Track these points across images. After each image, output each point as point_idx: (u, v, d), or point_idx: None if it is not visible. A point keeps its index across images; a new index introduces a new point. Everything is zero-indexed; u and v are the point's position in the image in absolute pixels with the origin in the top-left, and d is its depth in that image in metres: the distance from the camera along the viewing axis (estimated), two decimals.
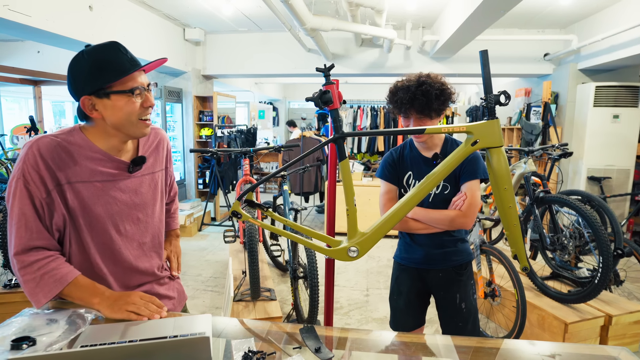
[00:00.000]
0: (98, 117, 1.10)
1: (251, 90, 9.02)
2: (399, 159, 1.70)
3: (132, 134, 1.14)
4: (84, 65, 1.06)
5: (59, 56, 5.90)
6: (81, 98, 1.07)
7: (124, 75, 1.05)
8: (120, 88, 1.06)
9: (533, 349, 1.07)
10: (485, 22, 3.84)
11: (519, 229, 1.08)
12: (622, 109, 4.81)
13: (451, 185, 1.62)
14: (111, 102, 1.07)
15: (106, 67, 1.05)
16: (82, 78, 1.06)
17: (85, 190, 1.11)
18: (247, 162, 3.40)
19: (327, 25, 4.15)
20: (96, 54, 1.05)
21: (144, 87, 1.11)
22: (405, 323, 1.78)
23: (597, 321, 2.51)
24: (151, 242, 1.29)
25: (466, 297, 1.69)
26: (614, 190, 4.89)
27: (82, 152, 1.11)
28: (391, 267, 1.85)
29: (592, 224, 2.38)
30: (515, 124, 6.08)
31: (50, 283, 1.06)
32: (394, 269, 1.83)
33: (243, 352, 0.95)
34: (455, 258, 1.68)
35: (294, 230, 2.33)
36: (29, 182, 1.04)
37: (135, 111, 1.09)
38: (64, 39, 3.56)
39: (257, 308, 2.66)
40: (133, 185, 1.21)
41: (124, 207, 1.19)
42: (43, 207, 1.07)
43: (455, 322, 1.70)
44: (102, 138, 1.14)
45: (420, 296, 1.77)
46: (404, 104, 1.53)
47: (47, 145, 1.07)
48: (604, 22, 4.63)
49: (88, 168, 1.12)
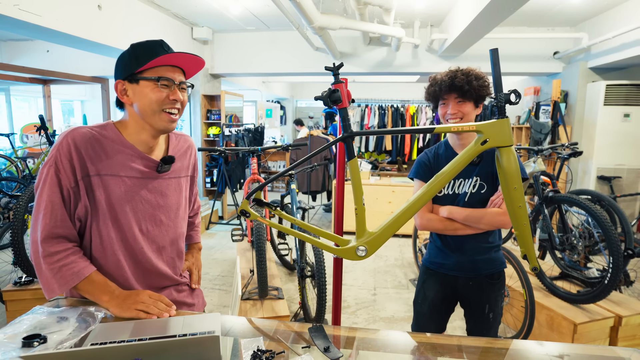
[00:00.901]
0: (128, 102, 1.15)
1: (259, 89, 9.03)
2: (434, 159, 1.67)
3: (157, 125, 1.16)
4: (125, 54, 1.14)
5: (67, 55, 5.96)
6: (116, 82, 1.14)
7: (153, 58, 1.09)
8: (149, 75, 1.11)
9: (542, 350, 1.06)
10: (494, 20, 3.80)
11: (528, 229, 1.07)
12: (633, 107, 4.74)
13: (488, 184, 1.58)
14: (139, 87, 1.12)
15: (142, 55, 1.11)
16: (122, 64, 1.13)
17: (114, 184, 1.14)
18: (255, 161, 3.41)
19: (335, 24, 4.14)
20: (139, 44, 1.13)
21: (174, 80, 1.14)
22: (427, 328, 1.75)
23: (607, 322, 2.49)
24: (170, 247, 1.29)
25: (495, 306, 1.66)
26: (624, 190, 4.83)
27: (115, 146, 1.14)
28: (399, 267, 1.84)
29: (602, 223, 2.36)
30: (524, 123, 6.03)
31: (67, 276, 1.09)
32: (421, 273, 1.80)
33: (252, 351, 0.95)
34: (487, 267, 1.64)
35: (302, 229, 2.34)
36: (60, 170, 1.08)
37: (159, 100, 1.12)
38: (73, 38, 3.59)
39: (264, 307, 2.66)
40: (160, 186, 1.23)
41: (149, 207, 1.21)
42: (70, 196, 1.10)
43: (480, 329, 1.68)
44: (133, 132, 1.17)
45: (445, 303, 1.73)
46: (444, 85, 1.52)
47: (83, 136, 1.10)
48: (614, 20, 4.57)
49: (119, 162, 1.14)
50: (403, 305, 3.36)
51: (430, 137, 7.01)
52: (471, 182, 1.59)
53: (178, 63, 1.16)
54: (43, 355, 0.79)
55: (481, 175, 1.58)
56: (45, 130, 3.52)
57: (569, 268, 2.90)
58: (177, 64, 1.16)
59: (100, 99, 6.86)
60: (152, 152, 1.22)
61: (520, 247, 1.10)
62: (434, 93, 1.58)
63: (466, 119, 1.53)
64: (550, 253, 3.04)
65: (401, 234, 5.23)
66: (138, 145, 1.18)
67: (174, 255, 1.31)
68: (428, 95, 1.62)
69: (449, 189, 1.62)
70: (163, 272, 1.27)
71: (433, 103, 1.63)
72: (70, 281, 1.09)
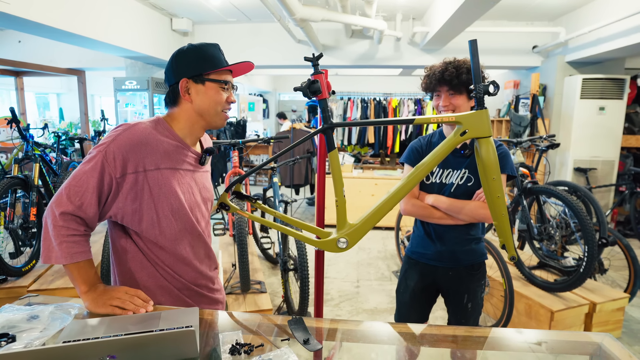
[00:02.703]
0: (188, 100, 1.20)
1: (241, 82, 8.91)
2: (427, 146, 1.68)
3: (214, 122, 1.24)
4: (190, 53, 1.19)
5: (41, 46, 5.75)
6: (181, 80, 1.18)
7: (221, 67, 1.20)
8: (215, 77, 1.19)
9: (520, 337, 1.08)
10: (475, 13, 3.83)
11: (507, 219, 1.08)
12: (608, 101, 4.86)
13: (475, 177, 1.59)
14: (204, 88, 1.19)
15: (209, 59, 1.19)
16: (186, 63, 1.18)
17: (172, 176, 1.18)
18: (237, 154, 3.36)
19: (316, 16, 4.10)
20: (202, 47, 1.20)
21: (232, 84, 1.25)
22: (408, 317, 1.77)
23: (582, 309, 2.56)
24: (209, 235, 1.34)
25: (474, 297, 1.68)
26: (599, 181, 4.96)
27: (168, 140, 1.19)
28: (381, 259, 1.85)
29: (578, 214, 2.41)
30: (504, 116, 6.12)
31: (64, 251, 1.08)
32: (403, 263, 1.82)
33: (230, 345, 0.94)
34: (467, 258, 1.66)
35: (284, 223, 2.32)
36: (108, 159, 1.09)
37: (221, 102, 1.21)
38: (46, 27, 3.46)
39: (247, 301, 2.65)
40: (202, 178, 1.30)
41: (195, 198, 1.26)
42: (111, 186, 1.11)
43: (459, 318, 1.71)
44: (183, 125, 1.22)
45: (426, 292, 1.75)
46: (436, 77, 1.53)
47: (141, 133, 1.14)
48: (590, 15, 4.66)
49: (174, 156, 1.19)
50: (386, 297, 3.39)
51: (413, 130, 7.06)
52: (459, 173, 1.61)
53: (234, 67, 1.24)
54: (9, 355, 0.76)
55: (470, 167, 1.60)
56: (17, 124, 3.39)
57: (546, 257, 2.97)
58: (233, 68, 1.24)
59: (77, 92, 6.66)
60: (195, 145, 1.28)
61: (498, 237, 1.11)
62: (428, 84, 1.59)
63: (458, 111, 1.53)
64: (528, 243, 3.10)
65: (384, 226, 5.26)
66: (187, 139, 1.24)
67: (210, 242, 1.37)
68: (423, 86, 1.63)
69: (437, 178, 1.64)
70: (214, 258, 1.34)
71: (429, 93, 1.63)
72: (63, 259, 1.09)
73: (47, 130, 4.74)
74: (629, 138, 5.16)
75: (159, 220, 1.16)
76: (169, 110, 1.24)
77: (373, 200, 5.28)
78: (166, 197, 1.16)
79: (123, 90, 5.59)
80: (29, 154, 3.21)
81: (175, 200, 1.17)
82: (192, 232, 1.23)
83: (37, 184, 2.92)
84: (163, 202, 1.15)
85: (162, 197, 1.15)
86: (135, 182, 1.12)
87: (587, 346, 1.07)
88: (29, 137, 3.54)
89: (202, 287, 1.29)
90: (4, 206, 2.84)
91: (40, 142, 3.86)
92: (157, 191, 1.14)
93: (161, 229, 1.17)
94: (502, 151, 1.57)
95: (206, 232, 1.31)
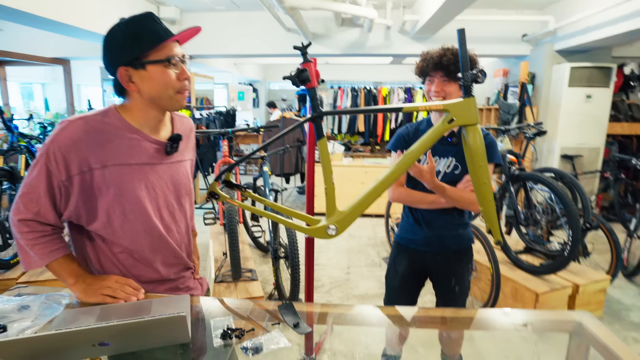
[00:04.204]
0: (134, 89, 1.07)
1: (230, 71, 8.81)
2: (414, 134, 1.68)
3: (170, 107, 1.12)
4: (119, 35, 1.04)
5: (23, 34, 5.61)
6: (118, 69, 1.05)
7: (159, 43, 1.03)
8: (155, 57, 1.04)
9: (504, 317, 1.12)
10: (466, 1, 3.83)
11: (493, 205, 1.10)
12: (595, 89, 4.92)
13: (462, 166, 1.60)
14: (147, 72, 1.05)
15: (141, 36, 1.02)
16: (118, 48, 1.04)
17: (123, 173, 1.08)
18: (226, 144, 3.35)
19: (306, 4, 4.06)
20: (131, 24, 1.03)
21: (179, 57, 1.08)
22: (398, 302, 1.80)
23: (566, 291, 2.64)
24: (185, 233, 1.27)
25: (461, 280, 1.71)
26: (584, 168, 5.05)
27: (119, 133, 1.08)
28: (372, 246, 1.87)
29: (564, 199, 2.46)
30: (493, 104, 6.17)
31: (39, 254, 1.07)
32: (392, 248, 1.84)
33: (222, 330, 0.95)
34: (455, 243, 1.69)
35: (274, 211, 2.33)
36: (50, 161, 1.02)
37: (171, 83, 1.07)
38: (26, 14, 3.36)
39: (238, 289, 2.67)
40: (169, 171, 1.18)
41: (161, 194, 1.16)
42: (61, 190, 1.05)
43: (446, 301, 1.74)
44: (139, 115, 1.11)
45: (415, 277, 1.78)
46: (433, 61, 1.52)
47: (82, 128, 1.04)
48: (579, 3, 4.68)
49: (125, 150, 1.08)
50: (376, 282, 3.44)
51: (403, 118, 7.08)
52: (447, 161, 1.62)
53: (177, 37, 1.08)
54: (2, 343, 0.77)
55: (457, 156, 1.61)
56: (1, 115, 3.33)
57: (532, 242, 3.04)
58: (176, 38, 1.08)
59: (62, 82, 6.53)
60: (159, 133, 1.16)
61: (485, 223, 1.13)
62: (422, 68, 1.58)
63: (449, 98, 1.53)
64: (515, 229, 3.16)
65: (374, 213, 5.30)
66: (144, 129, 1.12)
67: (188, 242, 1.29)
68: (417, 70, 1.62)
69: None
70: (180, 257, 1.24)
71: (422, 78, 1.63)
72: (41, 261, 1.07)
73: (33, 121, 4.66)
74: (615, 125, 5.24)
75: (111, 222, 1.09)
76: (123, 100, 1.13)
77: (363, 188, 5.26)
78: (116, 196, 1.07)
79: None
80: (14, 145, 3.17)
81: (128, 200, 1.08)
82: (151, 232, 1.14)
83: (23, 176, 2.89)
84: (114, 202, 1.07)
85: (113, 197, 1.07)
86: (83, 183, 1.04)
87: (567, 324, 1.11)
88: (14, 127, 3.49)
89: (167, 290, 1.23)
90: None
91: (25, 132, 3.81)
92: (105, 191, 1.06)
93: (113, 230, 1.09)
94: (489, 141, 1.58)
95: (177, 229, 1.22)
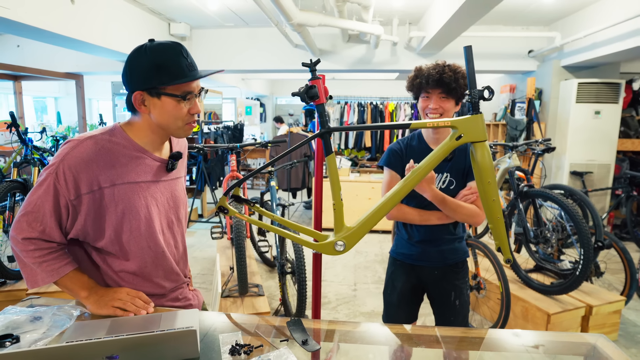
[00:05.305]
0: (145, 112, 1.10)
1: (238, 86, 8.93)
2: (406, 149, 1.68)
3: (176, 135, 1.16)
4: (144, 61, 1.05)
5: (39, 50, 5.76)
6: (134, 92, 1.07)
7: (180, 82, 1.06)
8: (172, 91, 1.06)
9: (515, 338, 1.10)
10: (471, 18, 3.87)
11: (502, 222, 1.10)
12: (604, 105, 4.91)
13: (457, 181, 1.61)
14: (161, 102, 1.08)
15: (165, 69, 1.05)
16: (140, 74, 1.06)
17: (131, 191, 1.11)
18: (234, 158, 3.38)
19: (313, 21, 4.13)
20: (157, 53, 1.05)
21: (195, 93, 1.11)
22: (397, 318, 1.78)
23: (579, 312, 2.58)
24: (182, 247, 1.30)
25: (460, 294, 1.70)
26: (595, 185, 5.00)
27: (126, 152, 1.11)
28: (379, 262, 1.86)
29: (574, 217, 2.44)
30: (500, 120, 6.17)
31: (48, 271, 1.07)
32: (389, 264, 1.83)
33: (230, 346, 0.95)
34: (451, 256, 1.68)
35: (282, 226, 2.33)
36: (59, 180, 1.03)
37: (181, 116, 1.10)
38: (45, 32, 3.47)
39: (245, 304, 2.65)
40: (169, 187, 1.23)
41: (163, 210, 1.20)
42: (68, 209, 1.06)
43: (447, 316, 1.72)
44: (144, 135, 1.14)
45: (413, 292, 1.77)
46: (431, 78, 1.51)
47: (92, 149, 1.06)
48: (585, 19, 4.71)
49: (133, 168, 1.12)
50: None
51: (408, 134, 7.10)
52: (442, 177, 1.63)
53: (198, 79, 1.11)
54: (15, 354, 0.77)
55: (452, 171, 1.62)
56: (16, 128, 3.40)
57: (543, 260, 2.99)
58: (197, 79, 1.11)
59: (74, 96, 6.66)
60: (160, 151, 1.20)
61: (494, 240, 1.13)
62: (419, 85, 1.57)
63: (446, 115, 1.54)
64: (525, 246, 3.12)
65: (381, 229, 5.28)
66: (148, 147, 1.16)
67: (184, 255, 1.33)
68: (411, 86, 1.61)
69: None
70: (177, 272, 1.27)
71: (415, 94, 1.63)
72: (49, 277, 1.07)
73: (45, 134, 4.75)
74: (625, 142, 5.21)
75: (119, 238, 1.11)
76: (130, 117, 1.16)
77: (370, 203, 5.30)
78: (125, 214, 1.10)
79: (121, 95, 5.61)
80: (28, 158, 3.22)
81: (135, 217, 1.11)
82: (155, 249, 1.17)
83: None
84: (122, 220, 1.10)
85: (121, 214, 1.09)
86: (92, 201, 1.06)
87: (581, 347, 1.09)
88: (28, 141, 3.56)
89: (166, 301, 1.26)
90: (3, 210, 2.84)
91: (38, 145, 3.88)
92: (114, 208, 1.08)
93: (120, 246, 1.12)
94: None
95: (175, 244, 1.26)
